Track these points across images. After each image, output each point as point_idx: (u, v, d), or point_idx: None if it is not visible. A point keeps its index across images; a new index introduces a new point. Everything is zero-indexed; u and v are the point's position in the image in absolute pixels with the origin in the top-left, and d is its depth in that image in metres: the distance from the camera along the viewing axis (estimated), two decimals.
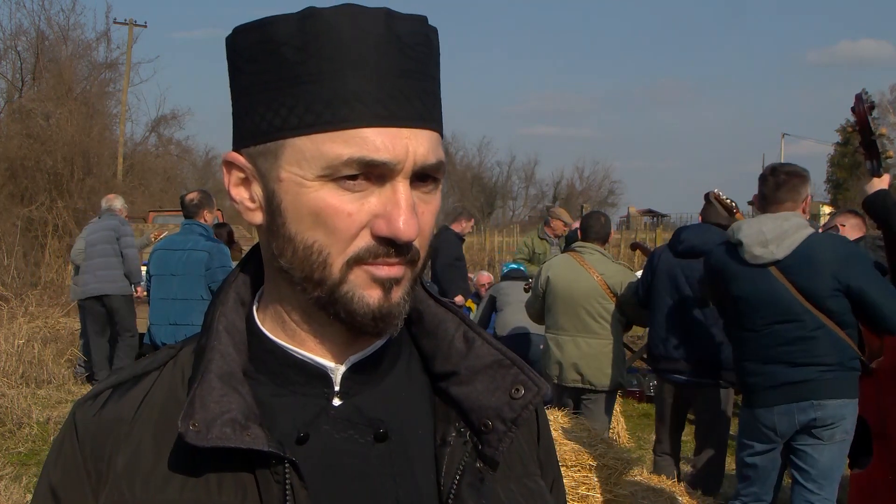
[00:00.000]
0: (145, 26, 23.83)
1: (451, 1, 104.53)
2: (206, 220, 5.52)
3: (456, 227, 8.16)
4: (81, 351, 8.40)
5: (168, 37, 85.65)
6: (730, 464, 5.11)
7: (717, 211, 4.70)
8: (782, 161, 5.06)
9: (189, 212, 5.52)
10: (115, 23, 24.25)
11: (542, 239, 8.63)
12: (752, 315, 3.41)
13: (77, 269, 8.06)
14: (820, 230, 4.90)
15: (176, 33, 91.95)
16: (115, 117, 23.09)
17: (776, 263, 3.34)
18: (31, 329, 9.57)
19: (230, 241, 7.59)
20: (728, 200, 4.62)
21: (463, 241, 8.31)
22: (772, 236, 3.34)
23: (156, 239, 7.84)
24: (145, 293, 6.48)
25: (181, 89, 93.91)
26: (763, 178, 3.51)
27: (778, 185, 3.43)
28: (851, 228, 4.65)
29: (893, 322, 3.27)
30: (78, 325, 9.57)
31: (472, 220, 8.80)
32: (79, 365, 8.32)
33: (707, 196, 4.74)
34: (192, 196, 5.62)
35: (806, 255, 3.30)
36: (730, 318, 3.58)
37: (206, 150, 43.44)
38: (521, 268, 7.72)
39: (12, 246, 14.59)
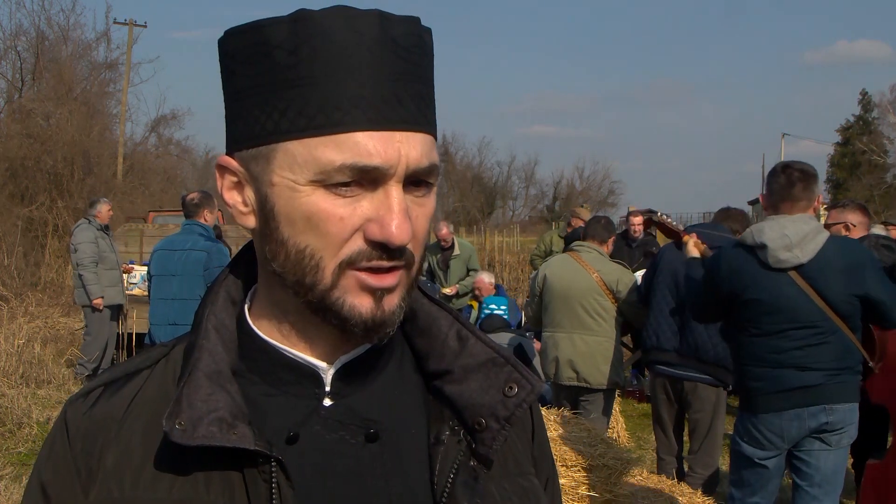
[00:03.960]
0: (145, 26, 23.83)
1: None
2: (206, 220, 5.51)
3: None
4: None
5: (168, 37, 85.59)
6: (723, 462, 5.11)
7: (734, 218, 4.75)
8: (782, 160, 5.04)
9: (189, 211, 5.52)
10: (115, 23, 24.23)
11: (562, 238, 8.66)
12: (763, 319, 3.33)
13: None
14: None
15: (176, 33, 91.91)
16: (115, 117, 23.09)
17: (797, 268, 3.28)
18: (31, 329, 9.58)
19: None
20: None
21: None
22: (795, 240, 3.26)
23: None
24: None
25: (181, 89, 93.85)
26: (775, 175, 3.41)
27: (792, 183, 3.34)
28: (861, 227, 4.57)
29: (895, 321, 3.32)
30: (78, 325, 9.57)
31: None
32: (79, 364, 8.33)
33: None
34: (193, 196, 5.62)
35: (826, 260, 3.26)
36: (736, 321, 3.47)
37: (206, 150, 43.22)
38: (502, 311, 7.55)
39: (12, 246, 14.61)
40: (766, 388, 3.34)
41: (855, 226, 4.55)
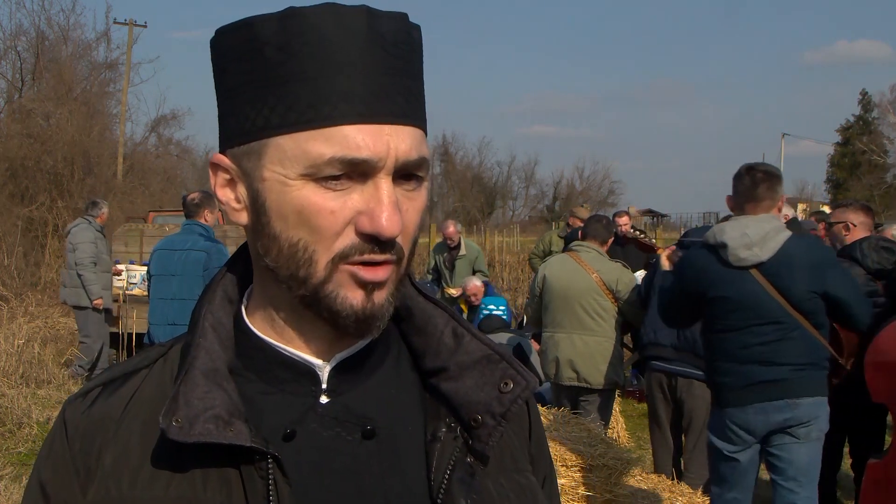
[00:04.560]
0: (145, 26, 23.84)
1: None
2: (206, 221, 5.51)
3: None
4: None
5: (168, 37, 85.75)
6: None
7: None
8: (782, 160, 5.04)
9: (190, 211, 5.52)
10: (115, 23, 24.22)
11: (562, 238, 8.65)
12: (730, 316, 3.41)
13: None
14: (817, 227, 4.85)
15: (176, 33, 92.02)
16: (115, 117, 23.11)
17: (758, 266, 3.36)
18: (31, 329, 9.59)
19: None
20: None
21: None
22: (756, 238, 3.34)
23: None
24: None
25: (181, 89, 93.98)
26: (739, 177, 3.50)
27: (756, 184, 3.43)
28: (861, 227, 4.55)
29: (863, 322, 3.40)
30: (76, 325, 9.55)
31: None
32: (78, 365, 8.33)
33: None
34: (194, 196, 5.61)
35: (786, 258, 3.33)
36: (705, 319, 3.57)
37: (206, 150, 43.14)
38: (501, 312, 7.62)
39: (12, 246, 14.61)
40: (733, 384, 3.42)
41: (855, 225, 4.53)
